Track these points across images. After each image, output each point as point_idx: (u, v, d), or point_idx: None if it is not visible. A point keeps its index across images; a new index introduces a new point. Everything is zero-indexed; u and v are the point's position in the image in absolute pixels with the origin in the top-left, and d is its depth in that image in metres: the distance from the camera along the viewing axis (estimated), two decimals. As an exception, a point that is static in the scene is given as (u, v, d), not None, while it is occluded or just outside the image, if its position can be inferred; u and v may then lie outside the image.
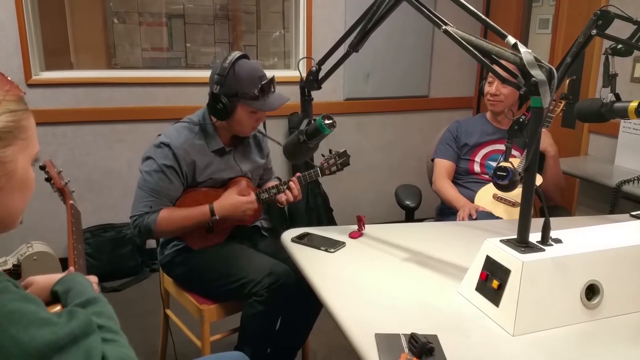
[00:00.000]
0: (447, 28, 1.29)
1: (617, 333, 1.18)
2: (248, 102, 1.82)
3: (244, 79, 1.81)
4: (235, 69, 1.81)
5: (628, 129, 2.72)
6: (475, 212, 2.14)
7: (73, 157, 3.14)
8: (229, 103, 1.81)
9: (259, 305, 1.81)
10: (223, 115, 1.84)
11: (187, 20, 3.44)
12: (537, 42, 3.54)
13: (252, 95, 1.82)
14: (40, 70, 3.04)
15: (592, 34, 1.66)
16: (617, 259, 1.25)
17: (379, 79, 3.72)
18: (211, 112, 1.86)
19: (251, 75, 1.82)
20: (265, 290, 1.79)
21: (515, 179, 1.34)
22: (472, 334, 1.16)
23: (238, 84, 1.81)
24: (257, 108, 1.84)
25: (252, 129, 1.94)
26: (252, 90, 1.81)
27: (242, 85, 1.81)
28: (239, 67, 1.81)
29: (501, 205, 2.20)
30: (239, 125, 1.89)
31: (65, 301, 0.99)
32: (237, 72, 1.81)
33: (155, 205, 1.82)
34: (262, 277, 1.80)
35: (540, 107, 1.14)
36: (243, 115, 1.86)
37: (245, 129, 1.92)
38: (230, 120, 1.87)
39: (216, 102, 1.81)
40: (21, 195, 0.88)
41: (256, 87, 1.81)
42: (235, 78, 1.80)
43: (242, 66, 1.82)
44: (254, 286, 1.80)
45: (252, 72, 1.83)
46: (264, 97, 1.84)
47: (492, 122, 2.44)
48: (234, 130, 1.93)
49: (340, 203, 3.75)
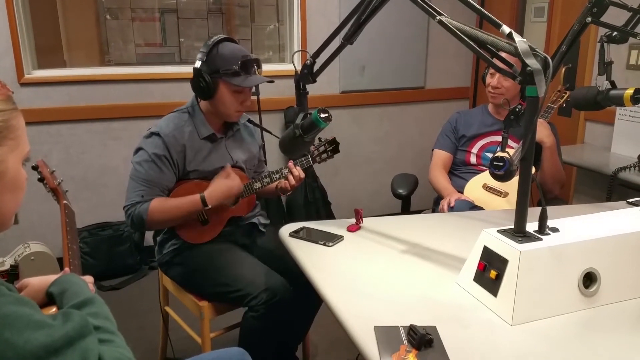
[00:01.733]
0: (441, 18, 1.28)
1: (614, 320, 1.19)
2: (229, 78, 1.82)
3: (226, 56, 1.82)
4: (219, 47, 1.83)
5: (624, 116, 2.72)
6: (454, 200, 2.14)
7: (68, 156, 3.12)
8: (211, 80, 1.81)
9: (256, 322, 1.78)
10: (206, 93, 1.84)
11: (180, 15, 3.41)
12: (533, 31, 3.53)
13: (233, 71, 1.81)
14: (32, 68, 3.01)
15: (587, 21, 1.65)
16: (614, 247, 1.26)
17: (374, 71, 3.71)
18: (195, 90, 1.87)
19: (233, 53, 1.83)
20: (262, 306, 1.76)
21: (512, 169, 1.34)
22: (471, 325, 1.17)
23: (220, 60, 1.81)
24: (237, 84, 1.83)
25: (236, 112, 1.92)
26: (233, 66, 1.81)
27: (224, 62, 1.81)
28: (222, 46, 1.83)
29: (491, 195, 2.19)
30: (222, 105, 1.88)
31: (61, 302, 0.98)
32: (220, 50, 1.82)
33: (147, 195, 1.81)
34: (258, 292, 1.77)
35: (535, 96, 1.13)
36: (226, 94, 1.85)
37: (230, 111, 1.90)
38: (213, 101, 1.87)
39: (198, 79, 1.82)
40: (13, 196, 0.87)
41: (236, 63, 1.81)
42: (218, 55, 1.82)
43: (226, 45, 1.84)
44: (250, 300, 1.77)
45: (234, 51, 1.84)
46: (245, 75, 1.83)
47: (492, 113, 2.43)
48: (219, 113, 1.92)
49: (338, 196, 3.75)
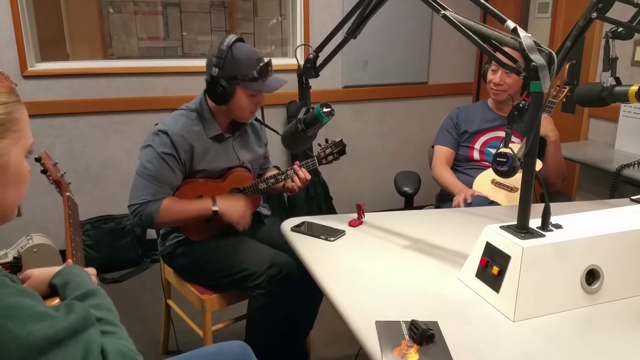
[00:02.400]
0: (445, 13, 1.27)
1: (617, 317, 1.18)
2: (247, 84, 1.81)
3: (243, 61, 1.79)
4: (233, 51, 1.79)
5: (628, 113, 2.70)
6: (470, 196, 2.14)
7: (71, 149, 3.12)
8: (229, 86, 1.79)
9: (263, 298, 1.81)
10: (222, 99, 1.82)
11: (183, 8, 3.40)
12: (537, 26, 3.51)
13: (251, 77, 1.80)
14: (35, 61, 3.01)
15: (592, 17, 1.64)
16: (617, 244, 1.25)
17: (377, 65, 3.69)
18: (210, 96, 1.85)
19: (249, 58, 1.80)
20: (267, 282, 1.80)
21: (515, 164, 1.33)
22: (473, 320, 1.16)
23: (237, 66, 1.79)
24: (256, 90, 1.82)
25: (251, 113, 1.92)
26: (251, 72, 1.79)
27: (241, 68, 1.79)
28: (236, 49, 1.80)
29: (500, 191, 2.19)
30: (238, 109, 1.87)
31: (64, 294, 0.99)
32: (235, 55, 1.79)
33: (158, 194, 1.81)
34: (264, 269, 1.80)
35: (540, 92, 1.12)
36: (242, 99, 1.84)
37: (245, 113, 1.90)
38: (229, 105, 1.86)
39: (215, 86, 1.79)
40: (16, 189, 0.87)
41: (255, 68, 1.80)
42: (234, 60, 1.79)
43: (240, 49, 1.81)
44: (257, 278, 1.80)
45: (250, 54, 1.81)
46: (262, 79, 1.82)
47: (493, 109, 2.43)
48: (233, 115, 1.91)
49: (340, 191, 3.75)
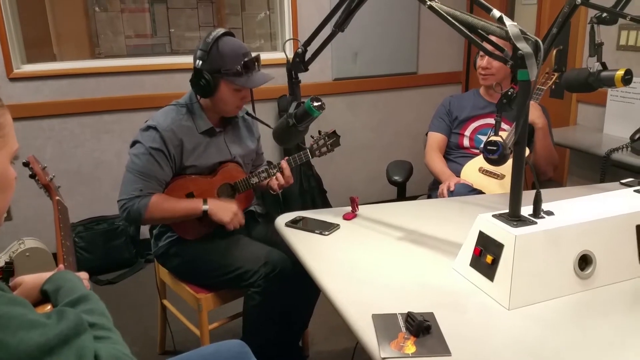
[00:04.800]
0: (432, 4, 1.27)
1: (611, 301, 1.20)
2: (231, 78, 1.79)
3: (227, 55, 1.78)
4: (219, 44, 1.78)
5: (615, 97, 2.72)
6: (454, 185, 2.14)
7: (61, 150, 3.10)
8: (212, 79, 1.78)
9: (258, 296, 1.81)
10: (206, 91, 1.81)
11: (169, 5, 3.37)
12: (523, 14, 3.52)
13: (235, 71, 1.79)
14: (21, 63, 2.98)
15: (576, 3, 1.65)
16: (608, 229, 1.26)
17: (367, 57, 3.69)
18: (194, 88, 1.84)
19: (235, 52, 1.79)
20: (262, 280, 1.79)
21: (506, 152, 1.34)
22: (468, 310, 1.17)
23: (221, 59, 1.78)
24: (240, 85, 1.81)
25: (236, 108, 1.91)
26: (235, 66, 1.78)
27: (225, 62, 1.78)
28: (222, 43, 1.79)
29: (487, 179, 2.20)
30: (222, 103, 1.86)
31: (56, 300, 0.98)
32: (220, 48, 1.78)
33: (146, 189, 1.80)
34: (258, 266, 1.80)
35: (527, 80, 1.13)
36: (226, 93, 1.83)
37: (229, 108, 1.89)
38: (214, 98, 1.85)
39: (199, 78, 1.79)
40: (2, 195, 0.86)
41: (239, 63, 1.78)
42: (219, 54, 1.78)
43: (226, 42, 1.80)
44: (251, 276, 1.80)
45: (235, 49, 1.80)
46: (247, 74, 1.81)
47: (484, 96, 2.44)
48: (218, 109, 1.90)
49: (333, 184, 3.75)
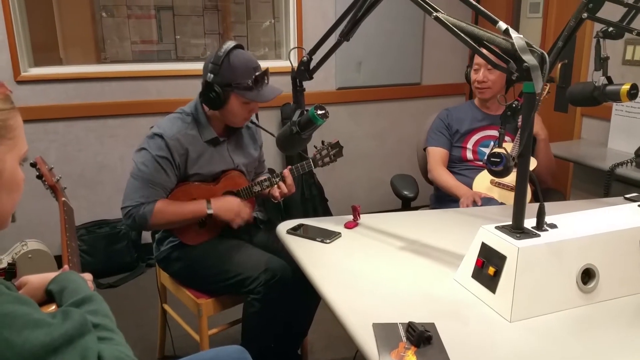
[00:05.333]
0: (438, 15, 1.28)
1: (613, 316, 1.19)
2: (241, 92, 1.81)
3: (238, 69, 1.79)
4: (230, 58, 1.79)
5: (620, 111, 2.72)
6: (480, 199, 2.15)
7: (65, 154, 3.11)
8: (222, 92, 1.80)
9: (257, 303, 1.81)
10: (216, 104, 1.82)
11: (176, 12, 3.40)
12: (528, 27, 3.53)
13: (246, 85, 1.80)
14: (29, 66, 3.00)
15: (583, 17, 1.65)
16: (612, 243, 1.26)
17: (371, 67, 3.70)
18: (204, 100, 1.85)
19: (246, 66, 1.81)
20: (262, 287, 1.79)
21: (510, 164, 1.34)
22: (470, 321, 1.17)
23: (232, 73, 1.79)
24: (250, 99, 1.83)
25: (244, 119, 1.93)
26: (246, 80, 1.80)
27: (236, 75, 1.79)
28: (234, 56, 1.80)
29: (498, 191, 2.20)
30: (231, 115, 1.88)
31: (60, 300, 0.98)
32: (231, 62, 1.79)
33: (151, 196, 1.81)
34: (258, 273, 1.80)
35: (532, 92, 1.13)
36: (236, 106, 1.85)
37: (238, 120, 1.91)
38: (222, 110, 1.86)
39: (209, 91, 1.80)
40: (9, 197, 0.87)
41: (250, 77, 1.80)
42: (230, 67, 1.79)
43: (237, 56, 1.81)
44: (251, 283, 1.80)
45: (246, 63, 1.81)
46: (257, 88, 1.82)
47: (481, 108, 2.44)
48: (226, 120, 1.92)
49: (335, 193, 3.75)
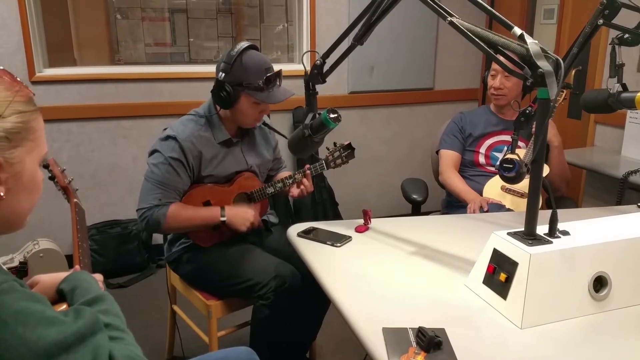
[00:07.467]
0: (452, 19, 1.28)
1: (625, 325, 1.18)
2: (252, 92, 1.81)
3: (250, 69, 1.80)
4: (243, 58, 1.80)
5: (635, 119, 2.69)
6: (486, 204, 2.13)
7: (78, 154, 3.14)
8: (233, 92, 1.80)
9: (266, 309, 1.81)
10: (226, 103, 1.83)
11: (189, 14, 3.42)
12: (543, 33, 3.51)
13: (257, 86, 1.80)
14: (43, 67, 3.04)
15: (598, 23, 1.64)
16: (624, 251, 1.25)
17: (383, 71, 3.70)
18: (215, 99, 1.85)
19: (258, 66, 1.81)
20: (272, 293, 1.79)
21: (522, 171, 1.33)
22: (480, 327, 1.16)
23: (244, 73, 1.80)
24: (260, 99, 1.83)
25: (255, 120, 1.93)
26: (257, 81, 1.80)
27: (248, 75, 1.80)
28: (246, 56, 1.81)
29: (510, 197, 2.19)
30: (241, 115, 1.88)
31: (72, 300, 0.99)
32: (244, 62, 1.80)
33: (164, 198, 1.82)
34: (268, 279, 1.80)
35: (547, 98, 1.12)
36: (246, 106, 1.85)
37: (248, 120, 1.91)
38: (233, 110, 1.87)
39: (220, 90, 1.80)
40: (29, 197, 0.88)
41: (261, 78, 1.80)
42: (242, 67, 1.79)
43: (250, 56, 1.81)
44: (261, 289, 1.80)
45: (259, 63, 1.82)
46: (268, 89, 1.83)
47: (496, 113, 2.43)
48: (237, 121, 1.92)
49: (345, 197, 3.75)
